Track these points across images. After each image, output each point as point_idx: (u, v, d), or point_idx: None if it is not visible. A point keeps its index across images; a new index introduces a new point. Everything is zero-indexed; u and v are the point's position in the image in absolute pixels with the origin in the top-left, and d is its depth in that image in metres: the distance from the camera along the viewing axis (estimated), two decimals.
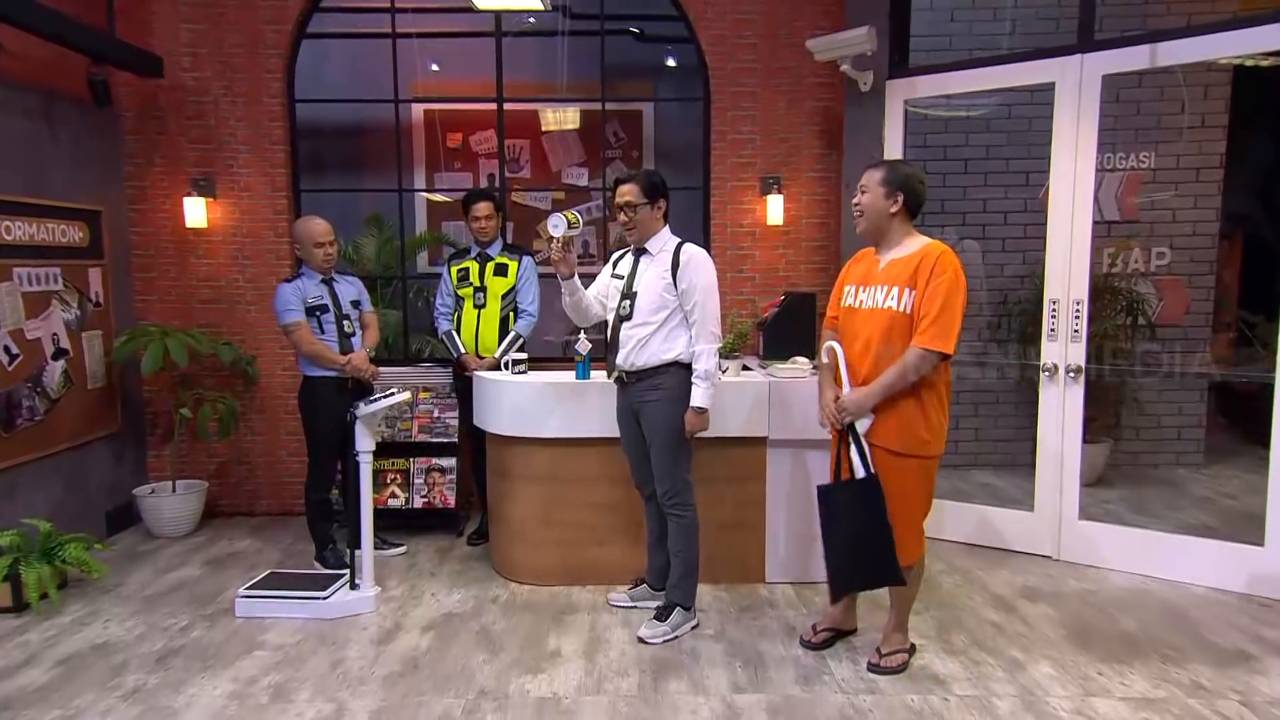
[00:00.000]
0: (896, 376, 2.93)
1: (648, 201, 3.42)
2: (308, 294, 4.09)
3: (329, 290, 4.16)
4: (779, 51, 5.12)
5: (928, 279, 2.90)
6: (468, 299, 4.54)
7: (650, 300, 3.39)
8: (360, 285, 4.39)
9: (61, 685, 3.10)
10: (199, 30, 5.02)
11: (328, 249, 4.11)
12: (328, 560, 4.24)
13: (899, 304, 2.96)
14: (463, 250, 4.71)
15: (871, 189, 3.05)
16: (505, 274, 4.54)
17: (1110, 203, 5.71)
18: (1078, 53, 4.14)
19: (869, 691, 3.03)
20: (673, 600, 3.52)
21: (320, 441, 4.18)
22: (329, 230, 4.14)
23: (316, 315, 4.10)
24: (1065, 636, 3.47)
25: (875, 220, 3.06)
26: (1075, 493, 4.28)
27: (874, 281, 3.06)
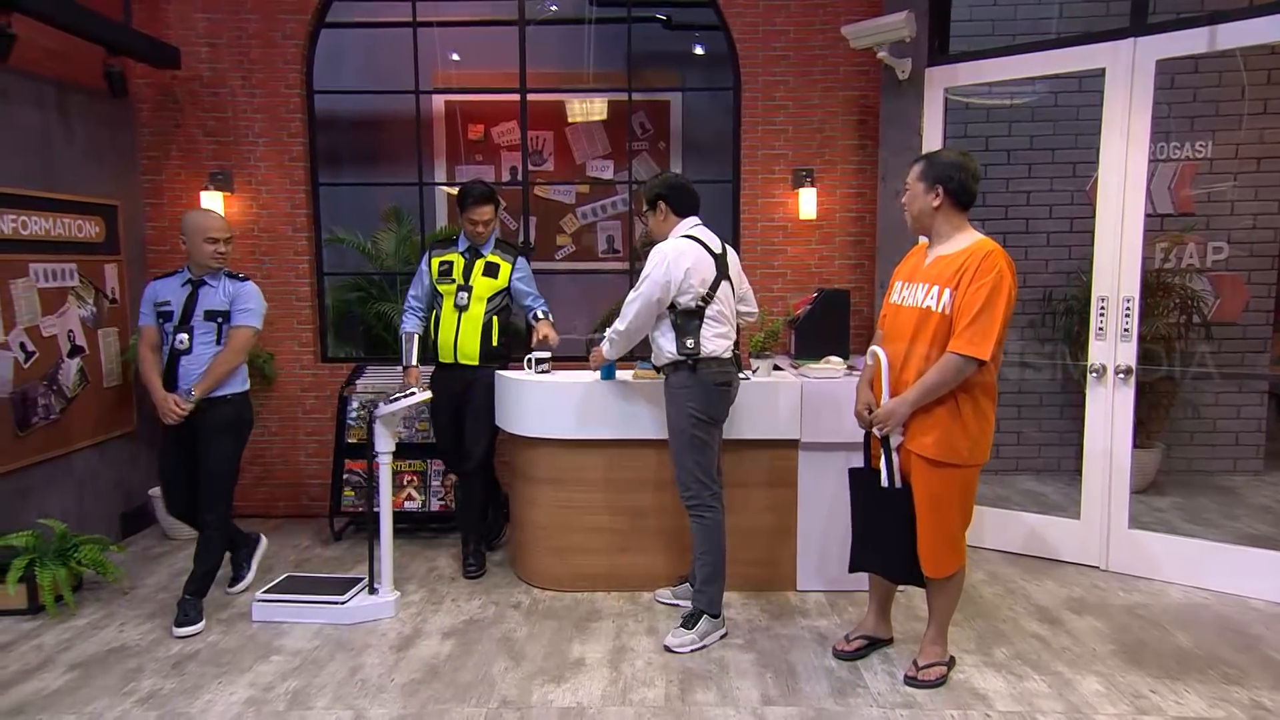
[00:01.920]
0: (933, 383, 2.90)
1: (649, 209, 3.64)
2: (158, 296, 3.66)
3: (190, 294, 3.65)
4: (813, 39, 5.09)
5: (970, 279, 2.85)
6: (448, 297, 4.24)
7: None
8: (243, 293, 3.70)
9: (76, 689, 3.15)
10: (216, 20, 5.08)
11: (220, 247, 3.63)
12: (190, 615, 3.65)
13: (937, 304, 2.92)
14: (447, 239, 4.43)
15: (911, 184, 3.04)
16: (496, 275, 4.27)
17: (1163, 195, 5.61)
18: (1130, 36, 4.07)
19: (905, 706, 3.00)
20: (698, 607, 3.52)
21: (159, 460, 3.89)
22: (226, 227, 3.69)
23: (159, 322, 3.67)
24: (1115, 651, 3.41)
25: (919, 216, 3.05)
26: (1125, 500, 4.21)
27: (918, 279, 3.03)
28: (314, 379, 5.29)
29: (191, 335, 3.60)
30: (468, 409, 4.26)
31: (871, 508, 3.16)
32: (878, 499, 3.10)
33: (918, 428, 2.98)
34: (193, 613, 3.65)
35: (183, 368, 3.61)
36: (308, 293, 5.25)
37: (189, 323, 3.60)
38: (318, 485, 5.27)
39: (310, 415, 5.29)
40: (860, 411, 3.14)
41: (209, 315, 3.63)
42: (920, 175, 3.01)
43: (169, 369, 3.62)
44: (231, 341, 3.65)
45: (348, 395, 4.99)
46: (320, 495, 5.22)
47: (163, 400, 3.59)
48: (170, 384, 3.61)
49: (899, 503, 3.03)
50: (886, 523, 3.08)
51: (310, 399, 5.29)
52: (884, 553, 3.14)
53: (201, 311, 3.62)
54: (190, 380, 3.59)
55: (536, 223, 6.00)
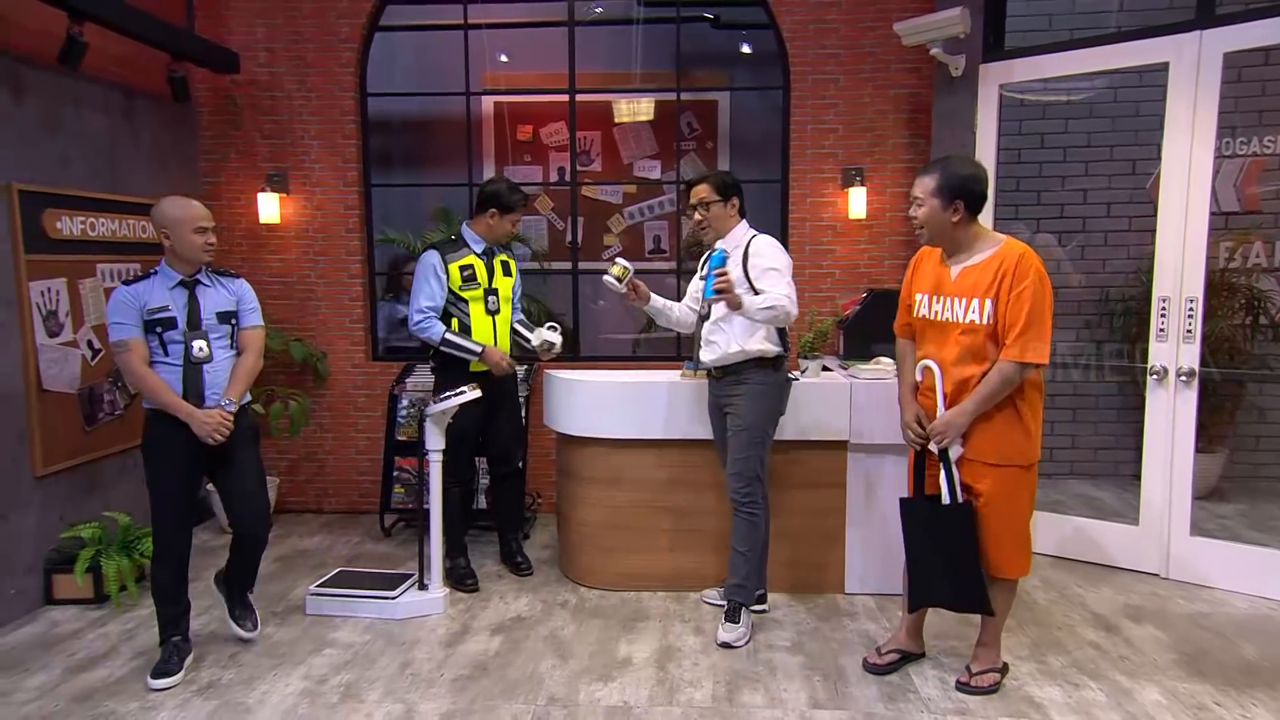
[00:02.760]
0: (990, 393, 2.85)
1: (721, 199, 3.52)
2: (149, 302, 3.13)
3: (188, 296, 3.21)
4: (864, 36, 5.04)
5: (1010, 285, 2.80)
6: (476, 302, 4.03)
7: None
8: (245, 291, 3.38)
9: (140, 677, 3.24)
10: (274, 25, 5.20)
11: (210, 237, 3.22)
12: (170, 661, 3.23)
13: (980, 316, 2.85)
14: (452, 241, 4.10)
15: (926, 200, 2.90)
16: (509, 272, 4.21)
17: (1229, 192, 5.43)
18: (1196, 29, 3.95)
19: (958, 713, 2.96)
20: (738, 601, 3.55)
21: (161, 498, 3.22)
22: (209, 215, 3.28)
23: (157, 331, 3.14)
24: (1176, 661, 3.32)
25: (938, 233, 2.94)
26: (1186, 506, 4.09)
27: (948, 292, 2.95)
28: (365, 377, 5.38)
29: (208, 341, 3.22)
30: (504, 413, 4.23)
31: (933, 533, 2.99)
32: (939, 521, 2.96)
33: (980, 436, 2.92)
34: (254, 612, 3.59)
35: (208, 378, 3.19)
36: (360, 292, 5.35)
37: (199, 328, 3.20)
38: (369, 482, 5.36)
39: (362, 413, 5.39)
40: (911, 424, 3.06)
41: (221, 318, 3.27)
42: (936, 190, 2.87)
43: (191, 381, 3.17)
44: (253, 344, 3.36)
45: (398, 393, 5.07)
46: (371, 492, 5.31)
47: (205, 417, 3.14)
48: (195, 399, 3.17)
49: (964, 519, 2.92)
50: (952, 544, 2.94)
51: (361, 397, 5.38)
52: (953, 578, 2.98)
53: (212, 314, 3.23)
54: (219, 391, 3.22)
55: (584, 223, 6.03)
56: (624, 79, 5.92)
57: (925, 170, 2.97)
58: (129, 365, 3.15)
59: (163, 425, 3.17)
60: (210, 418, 3.15)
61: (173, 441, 3.17)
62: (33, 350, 3.89)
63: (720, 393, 3.60)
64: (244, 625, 3.54)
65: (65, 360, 4.08)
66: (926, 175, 2.93)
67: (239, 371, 3.29)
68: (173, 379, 3.16)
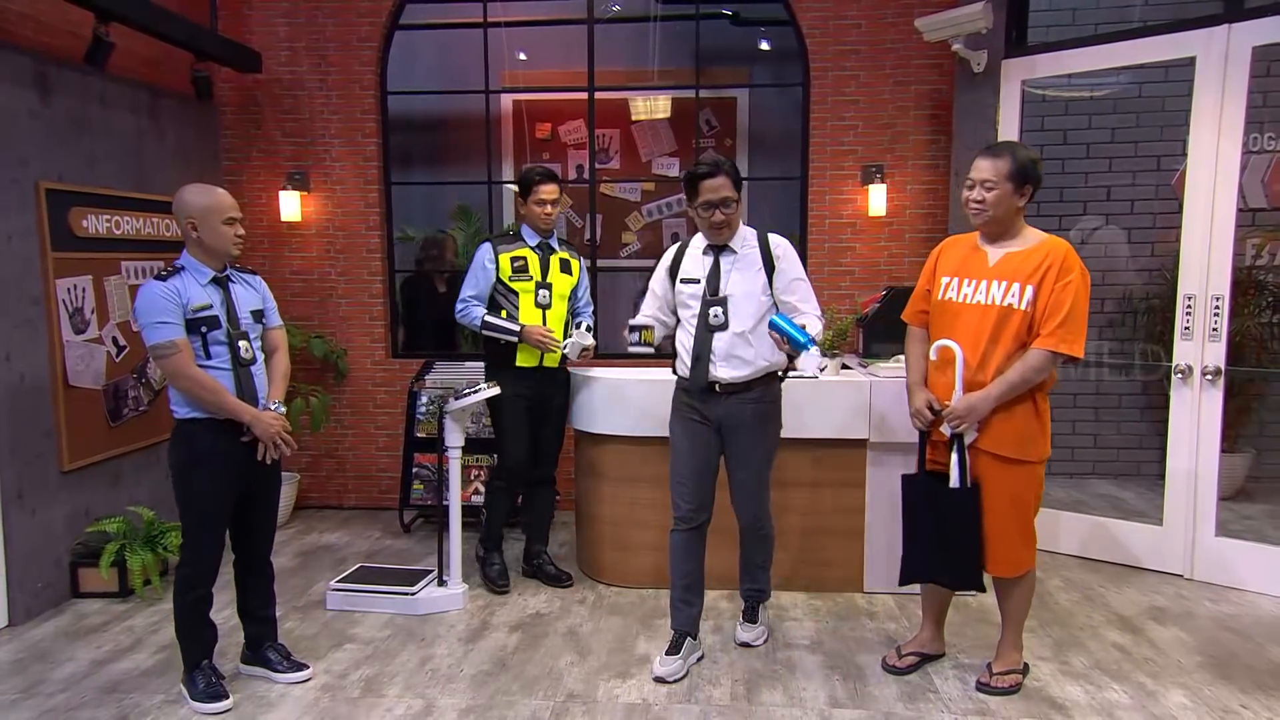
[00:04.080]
0: (1018, 380, 2.82)
1: (738, 195, 3.14)
2: (191, 299, 2.90)
3: (223, 293, 3.00)
4: (884, 32, 5.00)
5: (1056, 276, 2.79)
6: (526, 294, 3.93)
7: (749, 305, 3.14)
8: (265, 288, 3.22)
9: (165, 670, 3.28)
10: (296, 24, 5.24)
11: (239, 228, 3.03)
12: (197, 685, 3.02)
13: (1019, 301, 2.83)
14: (510, 234, 4.07)
15: (999, 184, 2.84)
16: (570, 271, 4.04)
17: (1256, 189, 5.36)
18: (1224, 22, 3.89)
19: (978, 713, 2.94)
20: (756, 600, 3.55)
21: (201, 514, 2.97)
22: (237, 204, 3.09)
23: (201, 331, 2.91)
24: (1201, 664, 3.28)
25: (1003, 217, 2.89)
26: (1212, 506, 4.04)
27: (984, 276, 2.92)
28: (385, 374, 5.41)
29: (250, 341, 3.03)
30: (550, 415, 4.07)
31: (939, 512, 2.98)
32: (946, 502, 2.95)
33: (998, 427, 2.88)
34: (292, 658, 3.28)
35: (257, 380, 3.03)
36: (380, 290, 5.38)
37: (239, 327, 3.01)
38: (388, 478, 5.39)
39: (382, 409, 5.42)
40: (922, 409, 3.00)
41: (255, 316, 3.09)
42: (1010, 174, 2.83)
43: (245, 385, 2.98)
44: (283, 343, 3.21)
45: (417, 390, 5.10)
46: (390, 488, 5.34)
47: (271, 419, 2.97)
48: (250, 402, 3.00)
49: (970, 503, 2.92)
50: (955, 526, 2.94)
51: (381, 393, 5.41)
52: (950, 558, 2.98)
53: (248, 313, 3.05)
54: (264, 394, 3.06)
55: (602, 220, 6.03)
56: (642, 76, 5.92)
57: (992, 153, 2.89)
58: (180, 369, 2.85)
59: (211, 435, 2.92)
60: (272, 423, 2.97)
61: (221, 454, 2.94)
62: (59, 346, 3.93)
63: (722, 412, 3.20)
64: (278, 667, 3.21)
65: (91, 356, 4.13)
66: (997, 159, 2.86)
67: (276, 373, 3.14)
68: (225, 382, 2.92)
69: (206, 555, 3.00)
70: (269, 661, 3.22)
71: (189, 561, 3.01)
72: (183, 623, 3.04)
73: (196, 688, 3.01)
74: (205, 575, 3.02)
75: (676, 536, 3.29)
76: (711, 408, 3.21)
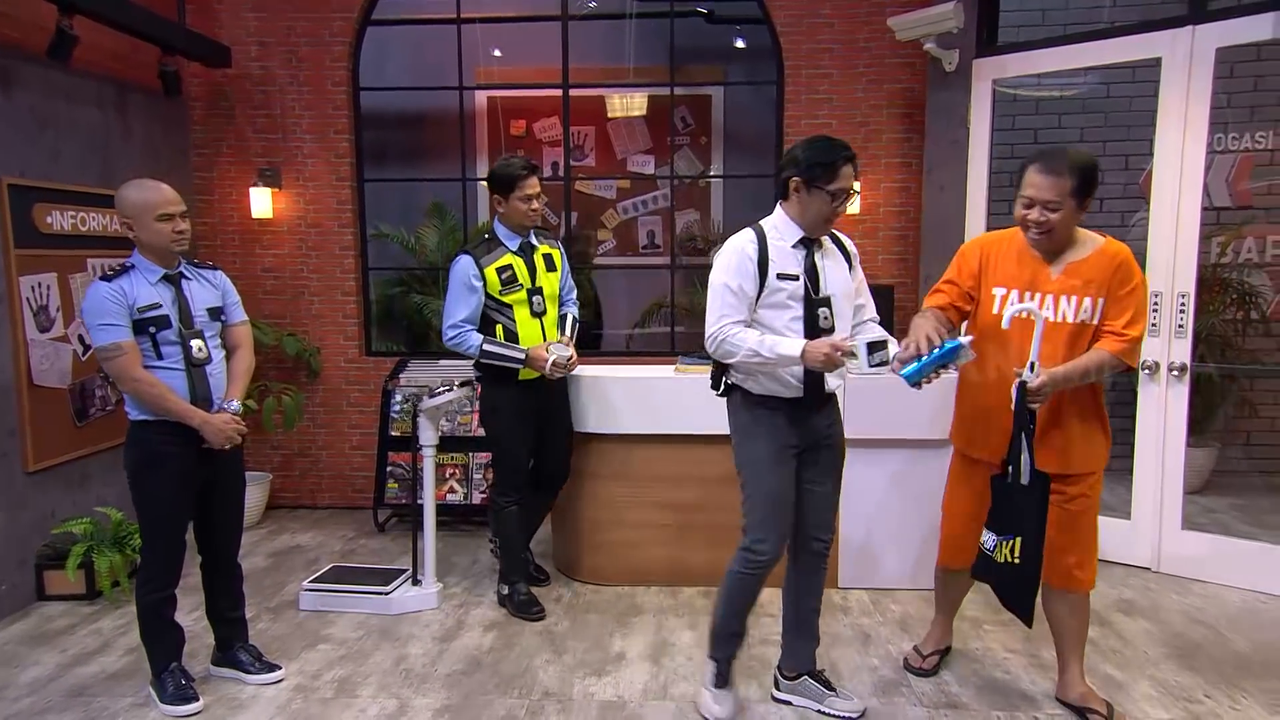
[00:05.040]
0: (1082, 370, 2.62)
1: None
2: (138, 299, 2.82)
3: (174, 292, 2.91)
4: (858, 31, 5.03)
5: (1122, 284, 2.63)
6: (521, 306, 3.66)
7: (847, 305, 2.82)
8: (227, 284, 3.12)
9: (133, 673, 3.23)
10: (266, 19, 5.17)
11: (178, 224, 2.87)
12: (167, 687, 2.97)
13: (1092, 315, 2.66)
14: (487, 241, 3.69)
15: (1064, 202, 2.58)
16: (554, 267, 3.81)
17: (1220, 187, 5.45)
18: (1189, 24, 3.95)
19: (950, 706, 2.96)
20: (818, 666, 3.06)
21: (158, 517, 2.92)
22: (177, 199, 2.91)
23: (149, 331, 2.83)
24: (1167, 655, 3.33)
25: (1063, 237, 2.67)
26: (1178, 500, 4.11)
27: (1049, 289, 2.68)
28: (359, 372, 5.37)
29: (205, 341, 2.95)
30: (556, 423, 3.87)
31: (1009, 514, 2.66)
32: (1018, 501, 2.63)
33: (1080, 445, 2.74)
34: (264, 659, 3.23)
35: (212, 380, 2.94)
36: (353, 287, 5.33)
37: (193, 326, 2.92)
38: (362, 477, 5.35)
39: (355, 408, 5.37)
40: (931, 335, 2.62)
41: (212, 314, 3.00)
42: (1074, 190, 2.57)
43: (197, 385, 2.90)
44: (245, 340, 3.13)
45: (392, 388, 5.06)
46: (365, 487, 5.30)
47: (222, 423, 2.90)
48: (204, 404, 2.91)
49: (1040, 499, 2.62)
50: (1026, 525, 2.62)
51: (355, 392, 5.37)
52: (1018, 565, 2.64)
53: (203, 311, 2.96)
54: (221, 394, 2.98)
55: (578, 218, 6.02)
56: (618, 74, 5.91)
57: (1052, 169, 2.59)
58: (126, 371, 2.79)
59: (163, 438, 2.86)
60: (224, 424, 2.91)
61: (175, 456, 2.88)
62: (23, 345, 3.86)
63: (818, 425, 2.83)
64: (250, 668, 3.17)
65: (56, 355, 4.06)
66: (1059, 176, 2.57)
67: (236, 370, 3.06)
68: (177, 384, 2.86)
69: (166, 557, 2.95)
70: (240, 663, 3.18)
71: (149, 564, 2.97)
72: (147, 626, 2.99)
73: (165, 690, 2.97)
74: (166, 578, 2.97)
75: (755, 579, 2.80)
76: (809, 426, 2.81)
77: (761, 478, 2.76)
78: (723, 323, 2.69)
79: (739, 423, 2.83)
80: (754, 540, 2.76)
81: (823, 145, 2.72)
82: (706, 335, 2.73)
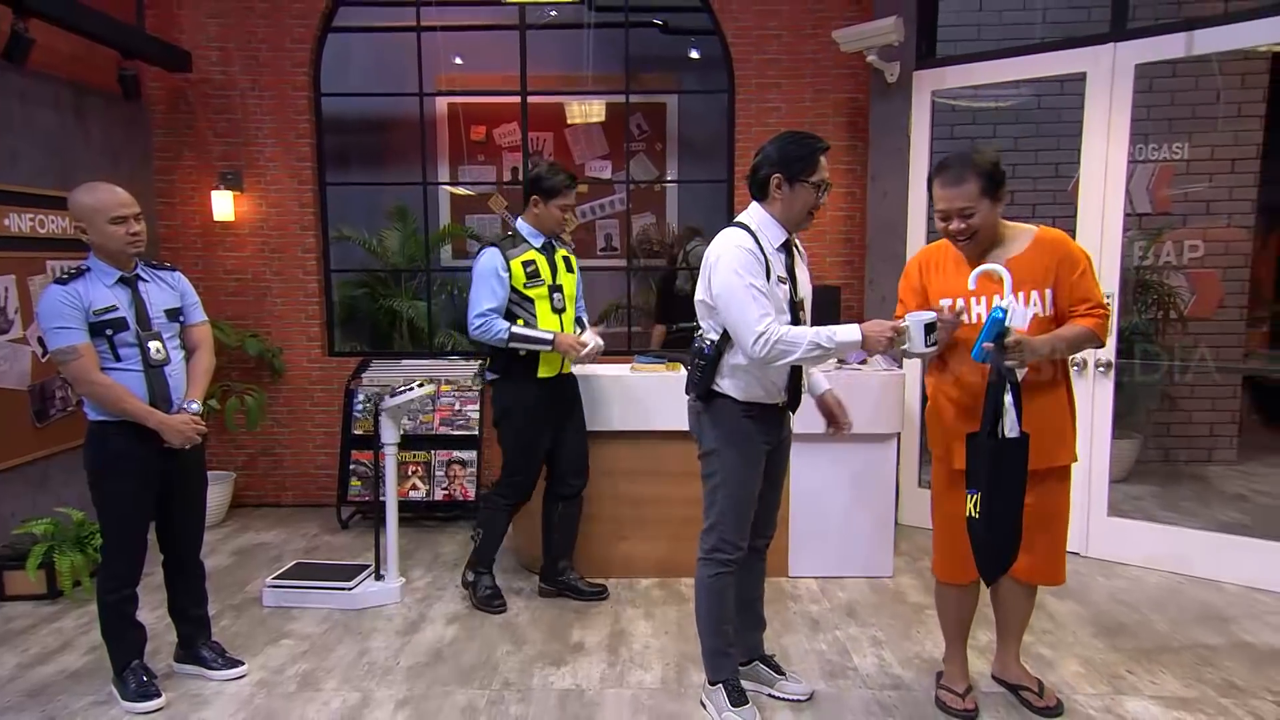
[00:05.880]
0: (1072, 339, 2.54)
1: None
2: (94, 301, 2.76)
3: (131, 294, 2.85)
4: (804, 43, 5.09)
5: (1069, 268, 2.56)
6: (542, 300, 3.58)
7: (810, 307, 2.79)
8: (186, 285, 3.05)
9: (95, 671, 3.15)
10: (227, 24, 5.07)
11: (132, 226, 2.80)
12: (129, 685, 2.91)
13: (1043, 308, 2.58)
14: (510, 238, 3.64)
15: (979, 206, 2.52)
16: (572, 269, 3.75)
17: (1142, 195, 5.62)
18: (1110, 41, 4.07)
19: (894, 687, 3.02)
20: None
21: (118, 517, 2.86)
22: (130, 201, 2.83)
23: (106, 334, 2.77)
24: (1094, 634, 3.43)
25: (988, 236, 2.59)
26: (1104, 489, 4.22)
27: (992, 291, 2.56)
28: (322, 372, 5.29)
29: (164, 342, 2.88)
30: (573, 420, 3.76)
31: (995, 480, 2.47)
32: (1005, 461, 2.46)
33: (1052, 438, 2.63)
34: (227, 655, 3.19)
35: (171, 381, 2.88)
36: (315, 289, 5.25)
37: (150, 328, 2.86)
38: (325, 475, 5.27)
39: (318, 407, 5.29)
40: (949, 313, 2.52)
41: (170, 315, 2.93)
42: (983, 191, 2.51)
43: (156, 386, 2.83)
44: (205, 341, 3.07)
45: (354, 388, 5.00)
46: (328, 485, 5.23)
47: (180, 423, 2.84)
48: (163, 405, 2.85)
49: (1021, 455, 2.47)
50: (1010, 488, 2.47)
51: (318, 392, 5.29)
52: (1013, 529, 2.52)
53: (161, 312, 2.90)
54: (181, 394, 2.92)
55: None
56: (576, 81, 5.90)
57: (953, 177, 2.52)
58: (81, 374, 2.72)
59: (122, 439, 2.80)
60: (184, 424, 2.85)
61: (135, 456, 2.82)
62: None
63: (782, 428, 2.83)
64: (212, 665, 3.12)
65: (15, 357, 3.94)
66: (961, 183, 2.51)
67: (197, 371, 3.00)
68: (135, 385, 2.79)
69: (127, 557, 2.89)
70: (203, 659, 3.12)
71: (109, 563, 2.90)
72: (108, 625, 2.92)
73: (127, 688, 2.90)
74: (127, 577, 2.90)
75: (730, 577, 2.73)
76: (777, 431, 2.79)
77: (742, 485, 2.71)
78: (767, 322, 2.51)
79: (723, 431, 2.69)
80: (724, 543, 2.71)
81: (798, 139, 2.67)
82: (751, 340, 2.50)
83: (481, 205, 6.10)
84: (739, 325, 2.54)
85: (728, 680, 2.78)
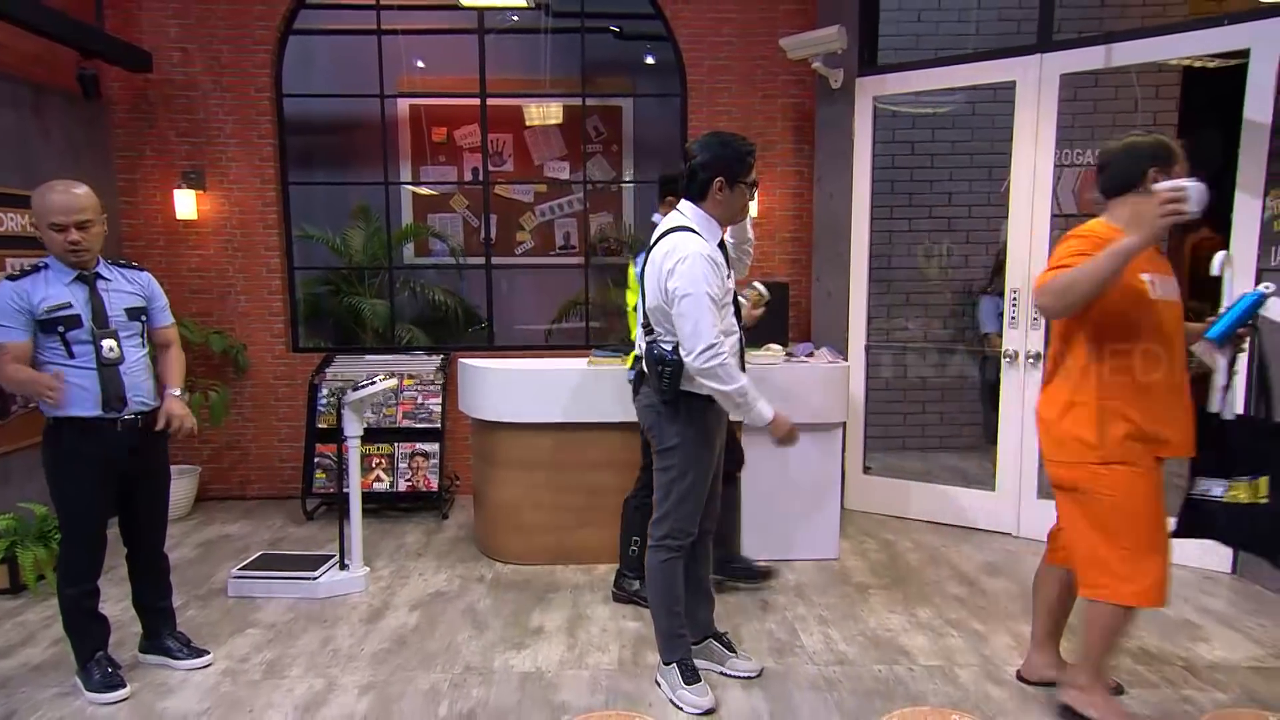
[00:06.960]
0: None
1: None
2: (48, 298, 2.68)
3: (89, 292, 2.75)
4: (753, 49, 5.12)
5: None
6: None
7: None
8: (155, 288, 2.96)
9: (59, 664, 3.07)
10: (188, 25, 4.95)
11: (71, 234, 2.67)
12: (93, 676, 2.85)
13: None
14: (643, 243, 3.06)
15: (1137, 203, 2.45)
16: None
17: (1068, 197, 5.76)
18: (1037, 52, 4.17)
19: (838, 663, 3.07)
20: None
21: (75, 513, 2.78)
22: (77, 208, 2.68)
23: (59, 330, 2.68)
24: (1024, 609, 3.51)
25: None
26: (1035, 473, 4.34)
27: (1162, 270, 2.47)
28: (286, 368, 5.21)
29: (119, 341, 2.79)
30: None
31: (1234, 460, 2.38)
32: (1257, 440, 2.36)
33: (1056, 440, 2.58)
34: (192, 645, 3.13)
35: (125, 379, 2.78)
36: (279, 286, 5.16)
37: (107, 326, 2.76)
38: (290, 468, 5.19)
39: (283, 402, 5.21)
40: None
41: (131, 314, 2.83)
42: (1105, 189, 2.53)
43: (110, 384, 2.74)
44: (175, 339, 3.03)
45: (318, 383, 4.93)
46: (293, 478, 5.15)
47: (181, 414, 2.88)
48: (117, 402, 2.76)
49: None
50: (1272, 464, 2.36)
51: (283, 387, 5.21)
52: None
53: (121, 311, 2.80)
54: (140, 392, 2.83)
55: (497, 220, 5.96)
56: (534, 84, 5.88)
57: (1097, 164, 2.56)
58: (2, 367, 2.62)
59: (78, 434, 2.73)
60: (185, 414, 2.90)
61: (89, 453, 2.75)
62: None
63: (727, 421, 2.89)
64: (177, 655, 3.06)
65: None
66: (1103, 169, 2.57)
67: (172, 363, 2.98)
68: (88, 383, 2.71)
69: (85, 553, 2.82)
70: (168, 650, 3.06)
71: (69, 559, 2.84)
72: (70, 620, 2.86)
73: (92, 679, 2.84)
74: (86, 573, 2.83)
75: (676, 564, 2.76)
76: (724, 425, 2.87)
77: (702, 479, 2.74)
78: (720, 337, 2.53)
79: (688, 427, 2.68)
80: (678, 530, 2.74)
81: (731, 141, 2.67)
82: (701, 347, 2.50)
83: (443, 204, 6.05)
84: (692, 332, 2.54)
85: (681, 660, 2.81)
